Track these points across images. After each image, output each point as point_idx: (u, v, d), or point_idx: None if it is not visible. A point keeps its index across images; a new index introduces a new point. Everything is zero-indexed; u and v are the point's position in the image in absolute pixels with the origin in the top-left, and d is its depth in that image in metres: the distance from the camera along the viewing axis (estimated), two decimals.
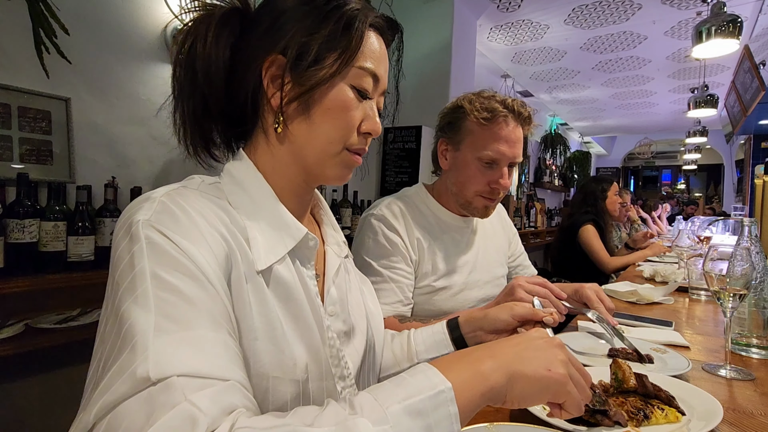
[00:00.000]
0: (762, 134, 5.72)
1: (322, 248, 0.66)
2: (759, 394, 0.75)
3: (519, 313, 0.73)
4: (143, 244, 0.42)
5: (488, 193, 1.06)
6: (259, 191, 0.56)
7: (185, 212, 0.46)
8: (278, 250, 0.53)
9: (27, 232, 1.36)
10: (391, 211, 1.09)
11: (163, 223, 0.44)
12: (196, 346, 0.39)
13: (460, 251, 1.15)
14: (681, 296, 1.58)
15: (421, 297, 1.09)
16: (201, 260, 0.43)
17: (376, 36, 0.58)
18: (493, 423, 0.59)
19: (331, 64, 0.53)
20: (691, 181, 10.79)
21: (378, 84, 0.58)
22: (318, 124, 0.55)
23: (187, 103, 0.56)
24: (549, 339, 0.48)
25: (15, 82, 1.56)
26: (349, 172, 0.60)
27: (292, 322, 0.53)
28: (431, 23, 3.16)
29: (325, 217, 0.70)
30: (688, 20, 3.50)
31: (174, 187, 0.51)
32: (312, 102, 0.54)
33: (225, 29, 0.55)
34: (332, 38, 0.53)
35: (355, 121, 0.56)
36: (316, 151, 0.56)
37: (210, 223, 0.47)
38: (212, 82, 0.55)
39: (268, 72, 0.54)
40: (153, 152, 1.95)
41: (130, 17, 1.88)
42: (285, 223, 0.55)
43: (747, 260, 0.83)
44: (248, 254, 0.50)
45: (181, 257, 0.42)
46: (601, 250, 2.64)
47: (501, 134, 1.03)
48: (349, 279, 0.69)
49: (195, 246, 0.44)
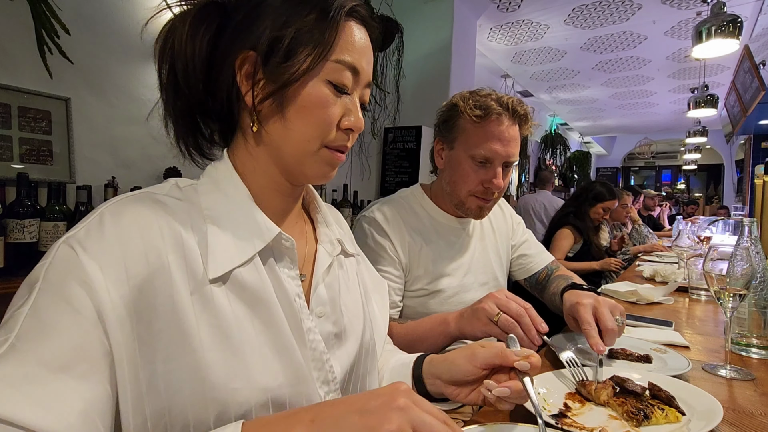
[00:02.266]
0: (762, 134, 5.72)
1: (314, 248, 0.63)
2: (759, 394, 0.75)
3: (482, 359, 0.59)
4: (48, 262, 0.43)
5: (481, 193, 1.04)
6: (234, 192, 0.54)
7: (116, 229, 0.45)
8: (244, 252, 0.51)
9: (27, 232, 1.36)
10: (382, 214, 1.07)
11: (85, 242, 0.43)
12: (33, 387, 0.37)
13: (455, 253, 1.13)
14: (681, 296, 1.58)
15: (415, 300, 1.08)
16: (102, 294, 0.42)
17: (357, 25, 0.54)
18: (492, 423, 0.59)
19: (302, 60, 0.50)
20: (691, 181, 10.79)
21: (359, 77, 0.55)
22: (293, 122, 0.52)
23: (173, 103, 0.54)
24: (392, 397, 0.41)
25: (15, 82, 1.56)
26: (331, 170, 0.57)
27: (260, 325, 0.50)
28: (431, 23, 3.16)
29: (318, 215, 0.67)
30: (688, 20, 3.51)
31: (130, 195, 0.49)
32: (286, 100, 0.51)
33: (201, 24, 0.52)
34: (305, 31, 0.50)
35: (333, 117, 0.53)
36: (293, 150, 0.54)
37: (145, 240, 0.46)
38: (191, 80, 0.52)
39: (242, 69, 0.52)
40: (153, 152, 1.95)
41: (131, 17, 1.88)
42: (255, 223, 0.53)
43: (747, 260, 0.83)
44: (198, 265, 0.48)
45: (74, 290, 0.41)
46: (556, 251, 2.69)
47: (494, 132, 1.00)
48: (348, 278, 0.66)
49: (103, 272, 0.43)
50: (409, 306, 1.08)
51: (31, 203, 1.39)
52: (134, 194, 0.50)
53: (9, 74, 1.55)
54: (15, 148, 1.56)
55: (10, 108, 1.55)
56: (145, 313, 0.44)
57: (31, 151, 1.60)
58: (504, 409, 0.59)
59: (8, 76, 1.54)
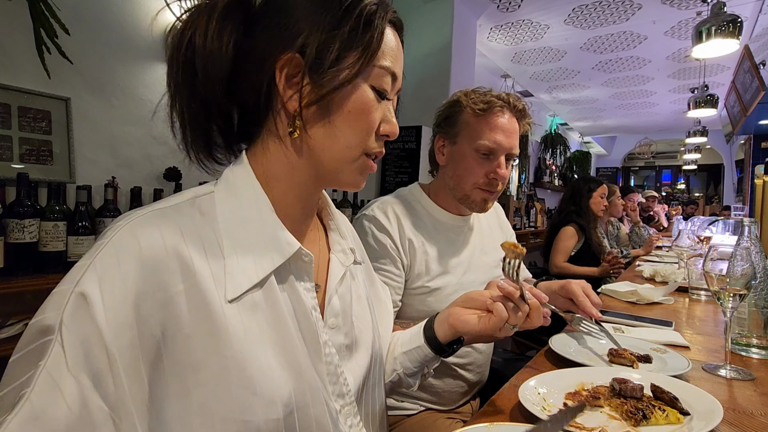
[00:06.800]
0: (762, 134, 5.72)
1: (327, 254, 0.63)
2: (759, 394, 0.75)
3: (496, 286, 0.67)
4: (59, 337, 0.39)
5: (486, 185, 1.05)
6: (254, 201, 0.52)
7: (129, 265, 0.42)
8: (262, 269, 0.49)
9: (27, 232, 1.36)
10: (382, 211, 1.08)
11: (98, 289, 0.41)
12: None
13: (455, 251, 1.13)
14: (681, 296, 1.58)
15: (416, 298, 1.08)
16: (113, 351, 0.40)
17: (393, 33, 0.55)
18: (492, 423, 0.59)
19: (352, 64, 0.50)
20: (691, 181, 10.78)
21: (395, 83, 0.55)
22: (339, 127, 0.51)
23: (186, 105, 0.51)
24: None
25: (15, 82, 1.56)
26: (363, 178, 0.57)
27: (275, 344, 0.49)
28: (431, 23, 3.16)
29: (332, 223, 0.66)
30: (688, 20, 3.51)
31: (141, 216, 0.46)
32: (333, 104, 0.51)
33: (228, 23, 0.50)
34: (353, 36, 0.50)
35: (375, 123, 0.53)
36: (334, 157, 0.53)
37: (155, 278, 0.43)
38: (213, 82, 0.50)
39: (284, 72, 0.50)
40: (153, 152, 1.95)
41: (130, 17, 1.88)
42: (275, 236, 0.51)
43: (747, 260, 0.83)
44: (211, 290, 0.46)
45: (94, 349, 0.39)
46: (561, 252, 2.73)
47: (497, 124, 1.03)
48: (357, 288, 0.66)
49: (117, 322, 0.40)
50: (409, 304, 1.08)
51: (31, 203, 1.39)
52: (145, 215, 0.46)
53: (9, 74, 1.55)
54: (15, 148, 1.56)
55: (10, 108, 1.55)
56: (154, 352, 0.43)
57: (31, 151, 1.60)
58: (500, 314, 0.64)
59: (8, 76, 1.54)
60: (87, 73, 1.75)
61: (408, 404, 1.08)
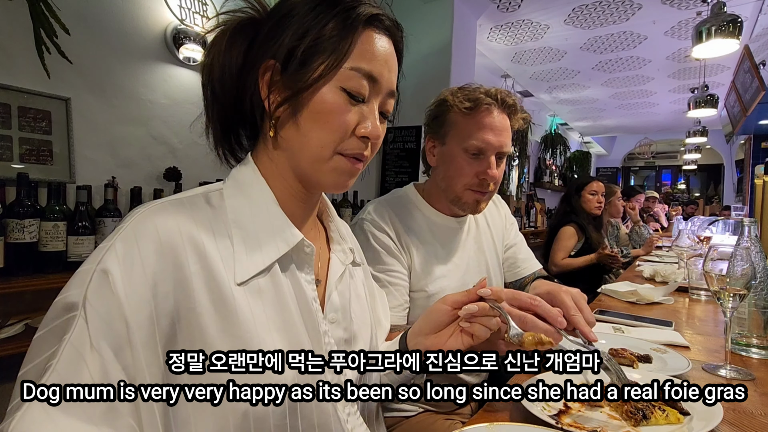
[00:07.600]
0: (762, 134, 5.73)
1: (327, 254, 0.65)
2: (759, 394, 0.75)
3: (451, 298, 0.63)
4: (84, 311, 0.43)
5: (477, 185, 1.02)
6: (260, 195, 0.56)
7: (147, 246, 0.46)
8: (268, 256, 0.53)
9: (27, 232, 1.36)
10: (379, 214, 1.06)
11: (119, 267, 0.44)
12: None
13: (452, 254, 1.11)
14: (681, 296, 1.58)
15: (415, 302, 1.06)
16: (132, 324, 0.44)
17: (378, 34, 0.55)
18: (493, 423, 0.59)
19: (316, 67, 0.52)
20: (691, 181, 10.78)
21: (378, 85, 0.55)
22: (305, 127, 0.53)
23: (212, 109, 0.57)
24: None
25: (15, 82, 1.56)
26: (346, 179, 0.57)
27: (278, 329, 0.52)
28: (431, 23, 3.16)
29: (332, 225, 0.68)
30: (688, 20, 3.51)
31: (162, 204, 0.51)
32: (300, 106, 0.53)
33: (239, 37, 0.56)
34: (323, 40, 0.52)
35: (348, 124, 0.54)
36: (308, 156, 0.55)
37: (170, 259, 0.47)
38: (225, 88, 0.56)
39: (264, 77, 0.54)
40: (153, 152, 1.95)
41: (130, 17, 1.88)
42: (280, 227, 0.55)
43: (747, 260, 0.83)
44: (221, 273, 0.49)
45: (114, 323, 0.43)
46: (561, 250, 2.72)
47: (485, 122, 1.00)
48: (356, 286, 0.68)
49: (137, 297, 0.44)
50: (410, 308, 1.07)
51: (31, 203, 1.39)
52: (162, 204, 0.51)
53: (9, 74, 1.55)
54: (15, 148, 1.57)
55: (10, 108, 1.55)
56: (169, 329, 0.46)
57: (31, 151, 1.60)
58: (481, 335, 0.61)
59: (8, 76, 1.54)
60: (87, 73, 1.75)
61: (407, 406, 1.07)
